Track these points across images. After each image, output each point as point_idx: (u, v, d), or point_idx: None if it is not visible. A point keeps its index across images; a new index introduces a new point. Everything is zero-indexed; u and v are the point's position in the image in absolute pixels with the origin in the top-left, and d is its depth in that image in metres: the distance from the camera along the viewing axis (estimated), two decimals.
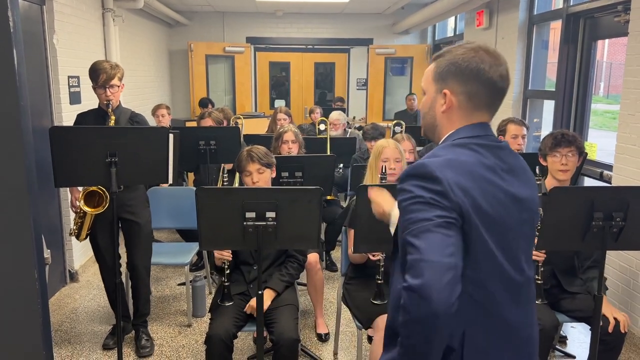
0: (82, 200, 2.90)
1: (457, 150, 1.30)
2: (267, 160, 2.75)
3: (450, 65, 1.33)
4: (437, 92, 1.36)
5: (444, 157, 1.27)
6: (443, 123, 1.38)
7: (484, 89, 1.32)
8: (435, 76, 1.37)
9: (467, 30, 6.99)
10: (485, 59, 1.31)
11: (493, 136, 1.36)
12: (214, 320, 2.54)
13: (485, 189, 1.25)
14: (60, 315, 3.76)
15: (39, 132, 3.64)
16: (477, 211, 1.22)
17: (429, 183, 1.22)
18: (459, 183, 1.22)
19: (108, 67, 2.98)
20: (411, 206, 1.22)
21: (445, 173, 1.22)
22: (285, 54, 9.79)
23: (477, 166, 1.27)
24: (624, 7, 3.78)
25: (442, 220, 1.18)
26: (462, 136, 1.33)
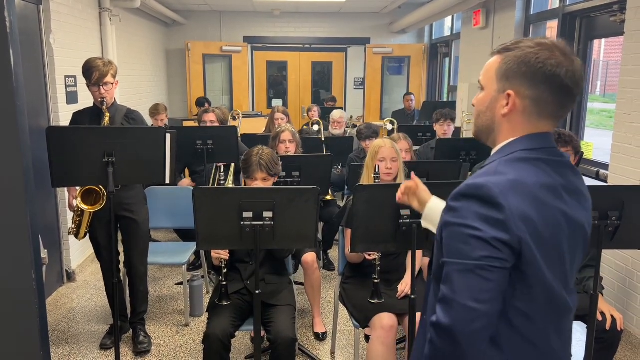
0: (79, 198, 2.90)
1: (519, 166, 1.15)
2: (275, 171, 2.76)
3: (521, 64, 1.16)
4: (499, 92, 1.20)
5: (507, 178, 1.11)
6: (502, 128, 1.22)
7: (555, 96, 1.16)
8: (499, 73, 1.20)
9: (464, 30, 7.01)
10: (562, 62, 1.15)
11: (556, 149, 1.21)
12: (212, 320, 2.55)
13: (548, 216, 1.12)
14: (58, 315, 3.76)
15: (35, 132, 3.64)
16: (538, 242, 1.10)
17: (489, 210, 1.08)
18: (522, 212, 1.09)
19: (101, 65, 2.95)
20: (460, 234, 1.10)
21: (509, 199, 1.08)
22: (282, 53, 9.79)
23: (540, 188, 1.13)
24: (619, 6, 3.80)
25: (488, 263, 1.06)
26: (523, 147, 1.18)
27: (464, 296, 1.06)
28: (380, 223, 2.17)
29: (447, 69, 8.81)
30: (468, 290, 1.07)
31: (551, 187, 1.15)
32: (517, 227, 1.07)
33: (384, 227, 2.17)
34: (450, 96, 8.37)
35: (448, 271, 1.10)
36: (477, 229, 1.07)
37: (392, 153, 2.85)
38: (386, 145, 2.86)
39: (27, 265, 1.44)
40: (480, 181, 1.11)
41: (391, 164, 2.84)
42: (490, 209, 1.08)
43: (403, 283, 2.71)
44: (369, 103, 9.50)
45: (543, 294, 1.14)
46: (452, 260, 1.10)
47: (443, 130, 4.60)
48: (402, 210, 2.12)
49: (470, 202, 1.10)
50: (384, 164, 2.82)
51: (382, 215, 2.16)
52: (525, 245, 1.08)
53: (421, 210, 1.70)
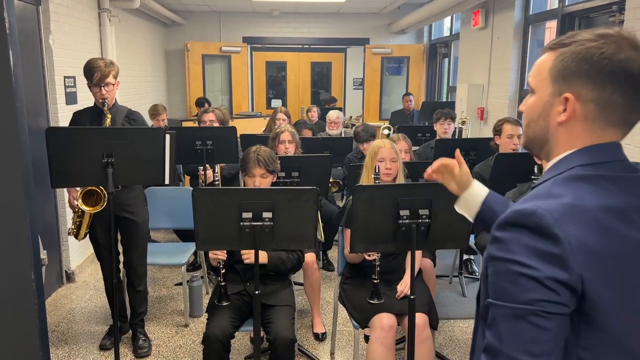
0: (80, 199, 2.90)
1: (579, 186, 0.95)
2: (273, 167, 2.77)
3: (581, 61, 0.96)
4: (555, 95, 1.00)
5: (564, 201, 0.92)
6: (559, 138, 1.02)
7: (626, 98, 0.96)
8: (554, 73, 1.00)
9: (463, 30, 7.01)
10: (632, 57, 0.94)
11: (626, 162, 1.00)
12: (211, 320, 2.55)
13: (617, 247, 0.92)
14: (57, 315, 3.76)
15: (35, 133, 3.63)
16: (606, 280, 0.90)
17: (543, 242, 0.89)
18: (585, 244, 0.89)
19: (102, 65, 2.95)
20: (507, 272, 0.91)
21: (567, 229, 0.89)
22: (281, 53, 9.80)
23: (606, 213, 0.92)
24: (618, 7, 3.80)
25: (542, 308, 0.88)
26: (582, 162, 0.98)
27: (512, 347, 0.89)
28: (379, 223, 2.17)
29: (446, 70, 8.81)
30: (518, 340, 0.89)
31: (620, 210, 0.94)
32: (578, 262, 0.88)
33: (384, 228, 2.17)
34: (450, 96, 8.38)
35: (494, 315, 0.93)
36: (528, 266, 0.89)
37: (392, 153, 2.86)
38: (385, 145, 2.87)
39: (26, 265, 1.44)
40: (530, 207, 0.92)
41: (390, 164, 2.84)
42: (544, 242, 0.89)
43: (402, 283, 2.71)
44: (368, 103, 9.51)
45: (617, 346, 0.93)
46: (498, 303, 0.92)
47: (443, 129, 4.60)
48: (401, 211, 2.12)
49: (519, 232, 0.91)
50: (383, 164, 2.82)
51: (382, 215, 2.16)
52: (589, 285, 0.89)
53: (458, 193, 1.54)
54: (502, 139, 3.67)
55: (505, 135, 3.64)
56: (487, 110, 6.16)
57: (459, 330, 3.53)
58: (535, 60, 1.08)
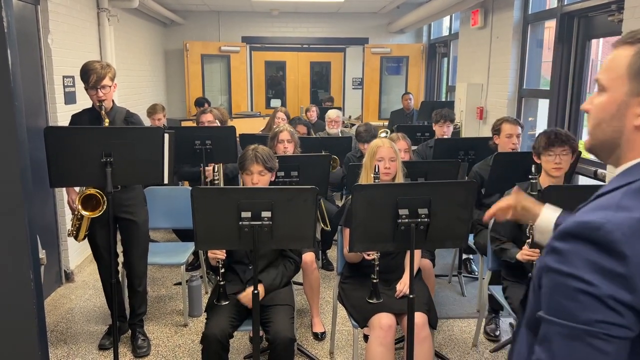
0: (79, 204, 2.90)
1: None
2: (271, 164, 2.76)
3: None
4: (633, 95, 0.91)
5: (635, 216, 0.83)
6: (634, 143, 0.93)
7: None
8: (633, 70, 0.91)
9: (462, 30, 7.01)
10: None
11: None
12: (210, 320, 2.55)
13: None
14: (56, 315, 3.76)
15: (33, 132, 3.63)
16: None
17: (608, 259, 0.81)
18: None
19: (99, 68, 2.93)
20: (565, 287, 0.84)
21: (637, 247, 0.80)
22: (281, 53, 9.79)
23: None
24: (617, 6, 3.80)
25: (603, 331, 0.81)
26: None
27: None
28: (378, 223, 2.17)
29: (445, 69, 8.82)
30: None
31: None
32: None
33: (383, 227, 2.17)
34: (449, 96, 8.38)
35: (547, 332, 0.87)
36: (590, 283, 0.81)
37: (391, 153, 2.86)
38: (385, 145, 2.87)
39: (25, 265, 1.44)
40: (597, 219, 0.83)
41: (390, 163, 2.84)
42: (609, 259, 0.81)
43: (401, 283, 2.71)
44: (368, 103, 9.51)
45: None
46: (553, 320, 0.85)
47: (442, 131, 4.60)
48: (400, 210, 2.12)
49: (582, 245, 0.83)
50: (382, 163, 2.82)
51: (381, 215, 2.16)
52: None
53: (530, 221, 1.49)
54: (501, 138, 3.67)
55: (504, 135, 3.64)
56: (486, 110, 6.17)
57: (458, 329, 3.54)
58: (534, 59, 1.03)
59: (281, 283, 2.70)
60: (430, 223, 2.15)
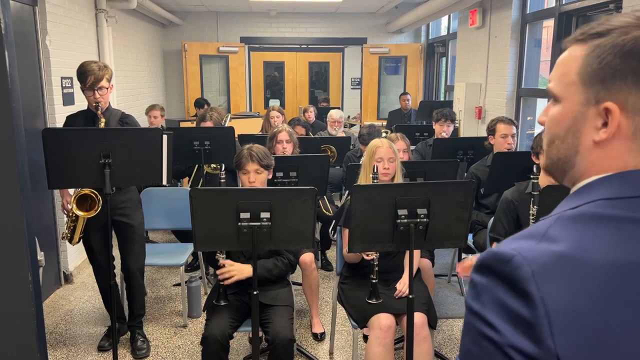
0: (74, 204, 2.89)
1: (591, 230, 0.68)
2: (266, 162, 2.76)
3: (627, 56, 0.70)
4: (589, 104, 0.74)
5: (555, 249, 0.67)
6: (590, 161, 0.75)
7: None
8: (587, 75, 0.74)
9: (461, 29, 7.01)
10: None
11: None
12: (210, 321, 2.54)
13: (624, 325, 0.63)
14: (55, 317, 3.75)
15: (32, 134, 3.63)
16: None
17: (514, 300, 0.66)
18: (571, 313, 0.64)
19: (96, 69, 2.92)
20: (473, 329, 0.70)
21: (547, 288, 0.64)
22: (279, 53, 9.79)
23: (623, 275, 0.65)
24: (615, 5, 3.81)
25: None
26: (608, 195, 0.71)
27: None
28: (377, 223, 2.17)
29: (443, 69, 8.82)
30: None
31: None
32: (555, 335, 0.63)
33: (382, 227, 2.17)
34: (447, 96, 8.39)
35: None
36: (494, 328, 0.67)
37: (390, 153, 2.85)
38: (384, 145, 2.86)
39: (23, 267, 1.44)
40: (509, 250, 0.69)
41: (389, 164, 2.84)
42: (516, 299, 0.66)
43: (401, 283, 2.71)
44: (366, 103, 9.51)
45: None
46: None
47: (442, 130, 4.60)
48: (399, 210, 2.12)
49: (494, 281, 0.69)
50: (381, 164, 2.82)
51: (380, 215, 2.15)
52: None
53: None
54: (496, 138, 3.67)
55: (499, 135, 3.64)
56: (484, 109, 6.17)
57: (457, 329, 3.54)
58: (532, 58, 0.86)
59: (269, 272, 2.66)
60: (429, 223, 2.14)
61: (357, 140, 4.95)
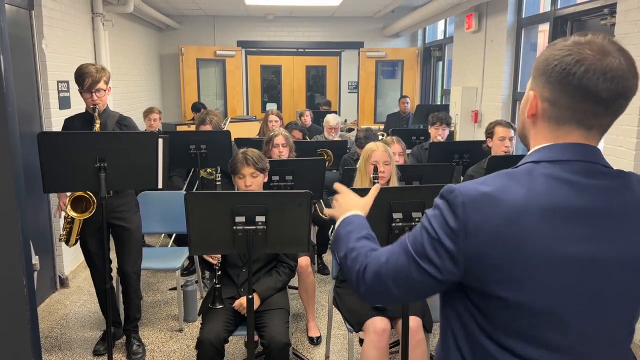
0: (69, 205, 2.88)
1: (516, 179, 1.01)
2: (261, 165, 2.77)
3: (543, 62, 1.04)
4: (530, 90, 1.08)
5: (483, 190, 1.00)
6: (529, 131, 1.09)
7: (573, 100, 1.00)
8: (533, 70, 1.08)
9: (457, 33, 7.04)
10: (583, 60, 0.98)
11: (594, 164, 1.02)
12: (205, 325, 2.54)
13: (528, 246, 0.97)
14: (51, 321, 3.74)
15: (28, 138, 3.62)
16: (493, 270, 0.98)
17: (449, 215, 1.02)
18: (481, 231, 0.98)
19: (94, 71, 2.94)
20: (423, 225, 1.07)
21: (469, 213, 1.00)
22: (276, 57, 9.80)
23: (531, 210, 0.97)
24: (609, 10, 3.83)
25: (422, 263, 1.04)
26: (536, 159, 1.04)
27: (389, 271, 1.09)
28: (373, 226, 2.14)
29: (440, 73, 8.84)
30: (396, 269, 1.08)
31: (554, 210, 0.97)
32: (468, 244, 0.99)
33: (377, 231, 2.14)
34: (444, 99, 8.41)
35: (400, 241, 1.12)
36: (433, 228, 1.04)
37: (385, 156, 2.86)
38: (379, 148, 2.87)
39: (18, 271, 1.44)
40: (456, 186, 1.04)
41: (384, 167, 2.84)
42: (450, 215, 1.02)
43: None
44: (363, 106, 9.52)
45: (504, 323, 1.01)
46: (405, 238, 1.11)
47: (437, 134, 4.60)
48: (394, 214, 2.12)
49: (443, 201, 1.05)
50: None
51: (375, 218, 2.14)
52: (473, 266, 1.00)
53: None
54: (494, 141, 3.68)
55: (497, 138, 3.65)
56: (480, 113, 6.19)
57: None
58: (528, 62, 1.13)
59: (275, 289, 2.69)
60: None
61: (353, 144, 4.95)
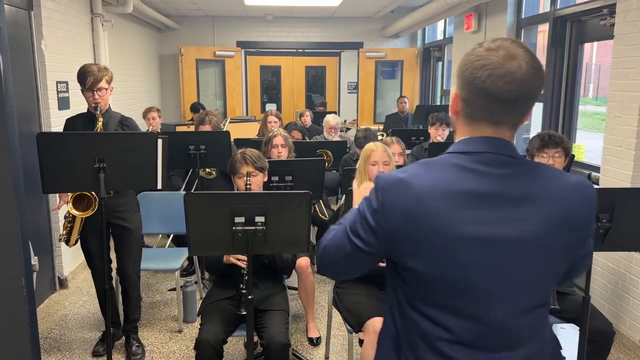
0: (70, 203, 2.88)
1: (428, 168, 1.18)
2: (260, 164, 2.77)
3: (462, 65, 1.16)
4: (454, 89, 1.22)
5: (399, 176, 1.17)
6: (454, 126, 1.26)
7: (480, 101, 1.13)
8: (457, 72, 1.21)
9: (456, 34, 7.04)
10: (489, 64, 1.10)
11: (497, 155, 1.15)
12: (204, 326, 2.53)
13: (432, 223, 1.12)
14: (50, 322, 3.73)
15: (27, 138, 3.62)
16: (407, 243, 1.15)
17: (373, 198, 1.19)
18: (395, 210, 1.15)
19: (96, 70, 2.95)
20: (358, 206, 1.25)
21: (387, 195, 1.17)
22: (276, 57, 9.80)
23: (436, 193, 1.12)
24: (609, 10, 3.83)
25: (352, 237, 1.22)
26: (453, 150, 1.20)
27: (331, 245, 1.28)
28: None
29: (440, 73, 8.84)
30: (335, 243, 1.28)
31: (456, 194, 1.12)
32: (385, 219, 1.17)
33: None
34: (444, 100, 8.41)
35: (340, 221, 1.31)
36: (363, 209, 1.22)
37: (385, 157, 2.86)
38: (378, 148, 2.87)
39: (17, 272, 1.43)
40: (380, 174, 1.23)
41: (383, 167, 2.84)
42: (374, 198, 1.19)
43: None
44: (363, 107, 9.52)
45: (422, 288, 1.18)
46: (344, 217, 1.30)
47: (437, 134, 4.60)
48: None
49: (372, 188, 1.23)
50: (376, 167, 2.82)
51: None
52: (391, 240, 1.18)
53: None
54: None
55: None
56: None
57: None
58: None
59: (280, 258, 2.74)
60: None
61: (352, 144, 4.95)
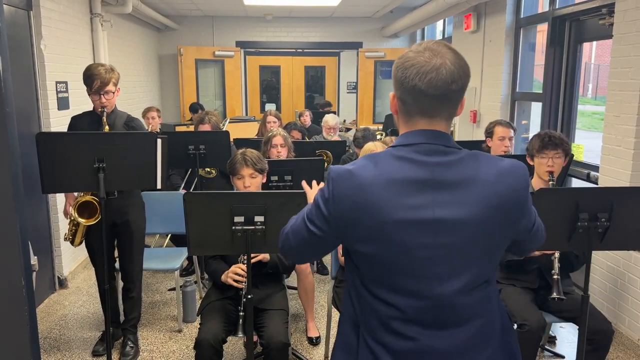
0: (75, 210, 2.88)
1: (373, 160, 1.28)
2: (260, 166, 2.77)
3: (395, 68, 1.29)
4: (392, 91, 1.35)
5: (348, 168, 1.28)
6: (396, 124, 1.38)
7: (410, 97, 1.26)
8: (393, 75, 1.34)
9: (455, 34, 7.04)
10: (416, 64, 1.23)
11: (433, 145, 1.27)
12: (203, 325, 2.54)
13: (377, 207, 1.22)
14: (49, 322, 3.74)
15: (26, 138, 3.62)
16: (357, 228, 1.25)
17: (326, 188, 1.30)
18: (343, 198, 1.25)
19: (103, 72, 2.90)
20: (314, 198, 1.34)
21: (336, 185, 1.27)
22: (275, 57, 9.80)
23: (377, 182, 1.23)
24: (608, 10, 3.83)
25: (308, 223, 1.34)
26: (396, 144, 1.31)
27: (292, 233, 1.40)
28: None
29: None
30: (294, 229, 1.40)
31: (397, 181, 1.23)
32: (336, 208, 1.27)
33: None
34: None
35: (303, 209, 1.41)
36: (318, 199, 1.33)
37: None
38: (377, 148, 2.88)
39: (16, 272, 1.43)
40: (333, 167, 1.33)
41: None
42: (326, 188, 1.31)
43: None
44: (362, 107, 9.53)
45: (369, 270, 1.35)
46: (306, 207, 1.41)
47: None
48: None
49: (326, 180, 1.32)
50: None
51: None
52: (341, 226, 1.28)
53: None
54: (493, 141, 3.69)
55: (496, 138, 3.66)
56: (479, 113, 6.19)
57: None
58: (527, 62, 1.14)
59: (281, 262, 2.71)
60: None
61: (352, 144, 4.95)
